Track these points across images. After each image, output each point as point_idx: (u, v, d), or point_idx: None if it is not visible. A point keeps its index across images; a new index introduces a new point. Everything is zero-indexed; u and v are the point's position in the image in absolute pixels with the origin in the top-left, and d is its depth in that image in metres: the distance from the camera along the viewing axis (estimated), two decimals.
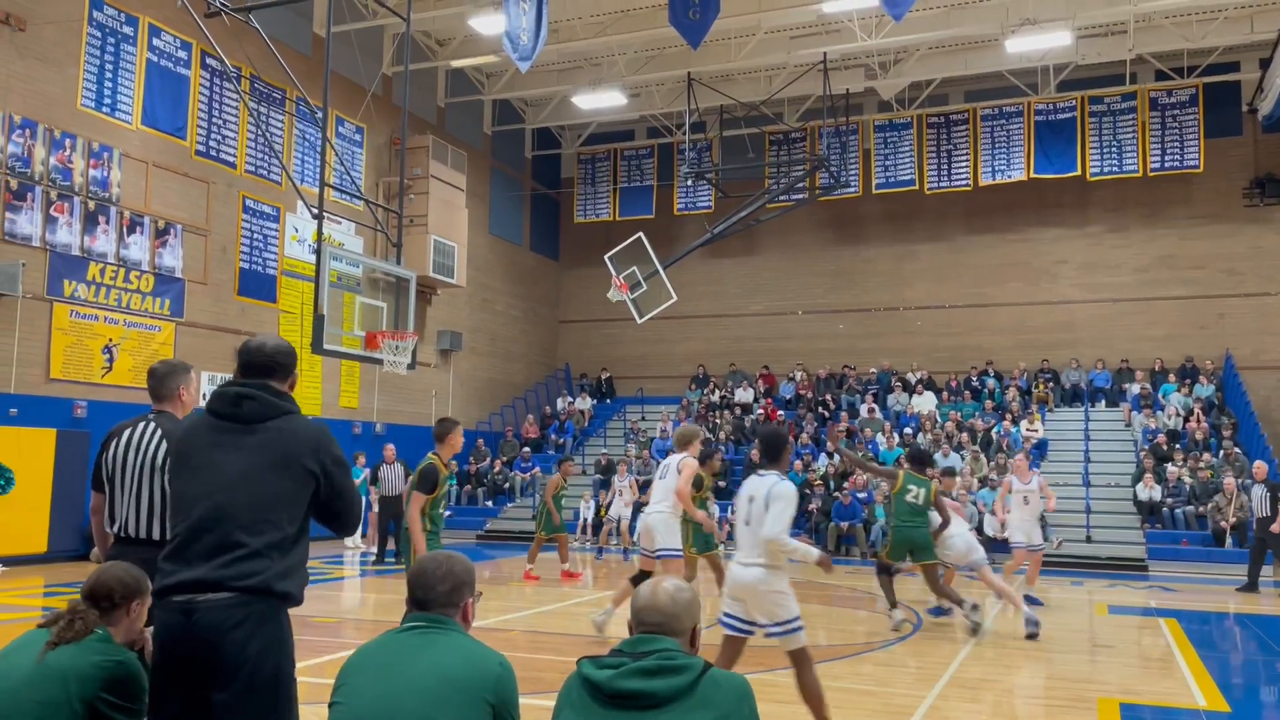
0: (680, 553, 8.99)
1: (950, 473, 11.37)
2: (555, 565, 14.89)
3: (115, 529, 4.42)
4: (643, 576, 9.16)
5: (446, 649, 2.69)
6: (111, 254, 15.80)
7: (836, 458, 21.47)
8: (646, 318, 20.98)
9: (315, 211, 14.71)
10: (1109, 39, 21.64)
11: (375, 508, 16.89)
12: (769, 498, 5.54)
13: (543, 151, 27.96)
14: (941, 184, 24.16)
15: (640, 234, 20.57)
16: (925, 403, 23.31)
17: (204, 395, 17.01)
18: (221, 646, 3.08)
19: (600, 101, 23.56)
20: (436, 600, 2.78)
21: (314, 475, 3.34)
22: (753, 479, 5.76)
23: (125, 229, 16.05)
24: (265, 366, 3.50)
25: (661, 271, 20.54)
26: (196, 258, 17.32)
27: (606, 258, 20.59)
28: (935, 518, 10.20)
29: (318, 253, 14.43)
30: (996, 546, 17.58)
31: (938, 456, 20.51)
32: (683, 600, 2.60)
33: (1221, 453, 19.53)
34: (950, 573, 11.01)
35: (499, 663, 2.68)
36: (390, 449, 16.92)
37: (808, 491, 20.31)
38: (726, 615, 5.68)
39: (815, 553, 5.88)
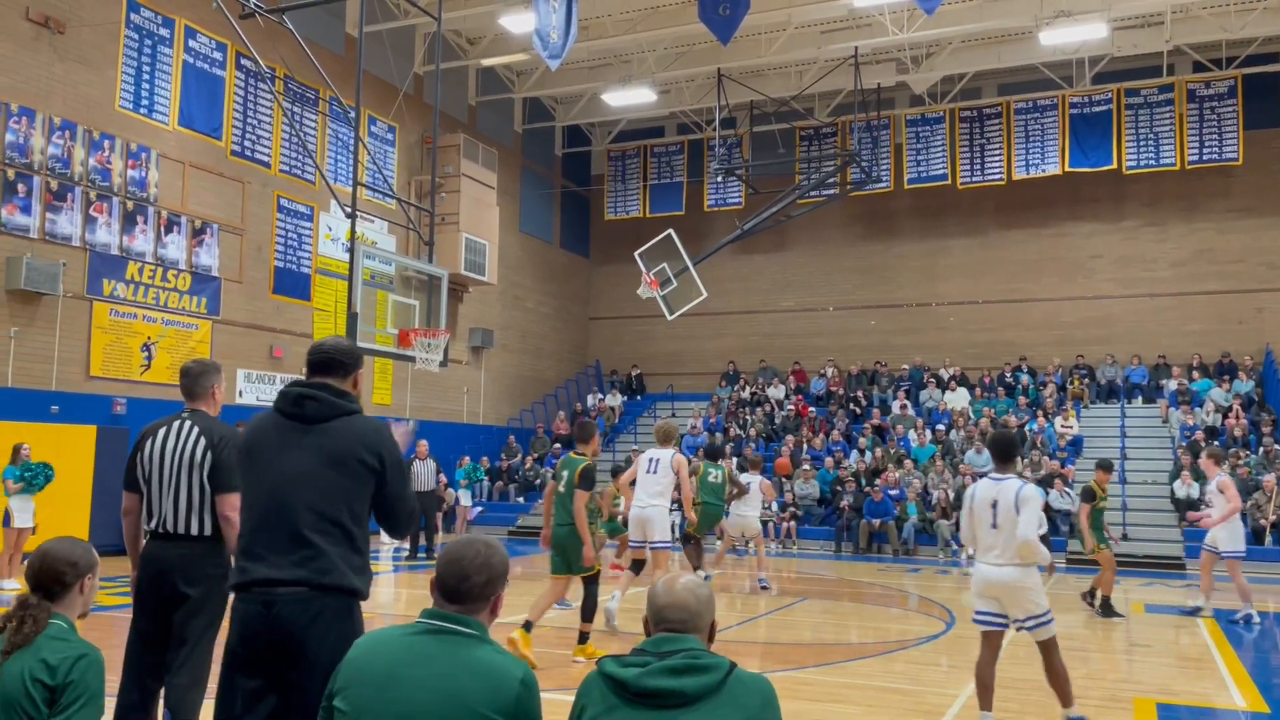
0: (670, 544, 9.69)
1: (1108, 467, 11.83)
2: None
3: (153, 525, 4.50)
4: (639, 566, 9.81)
5: (463, 662, 2.48)
6: (149, 253, 16.02)
7: (868, 454, 21.36)
8: (677, 314, 20.96)
9: (349, 210, 14.83)
10: (1145, 30, 21.32)
11: None
12: (1019, 501, 5.78)
13: (573, 149, 28.00)
14: (974, 179, 23.94)
15: (670, 231, 20.55)
16: (958, 399, 23.12)
17: (239, 393, 17.22)
18: (303, 638, 3.24)
19: (630, 98, 23.55)
20: (469, 593, 2.58)
21: (372, 471, 3.45)
22: (987, 484, 6.01)
23: (163, 229, 16.26)
24: (324, 364, 3.62)
25: (692, 268, 20.51)
26: (232, 256, 17.52)
27: (637, 254, 20.59)
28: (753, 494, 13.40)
29: (351, 251, 14.55)
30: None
31: (970, 453, 20.38)
32: (703, 596, 2.59)
33: (1261, 449, 19.21)
34: (729, 541, 14.41)
35: (521, 680, 2.46)
36: (423, 445, 17.03)
37: (839, 488, 20.22)
38: (981, 613, 6.03)
39: (1049, 556, 6.26)
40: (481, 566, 2.61)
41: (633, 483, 10.08)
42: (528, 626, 8.07)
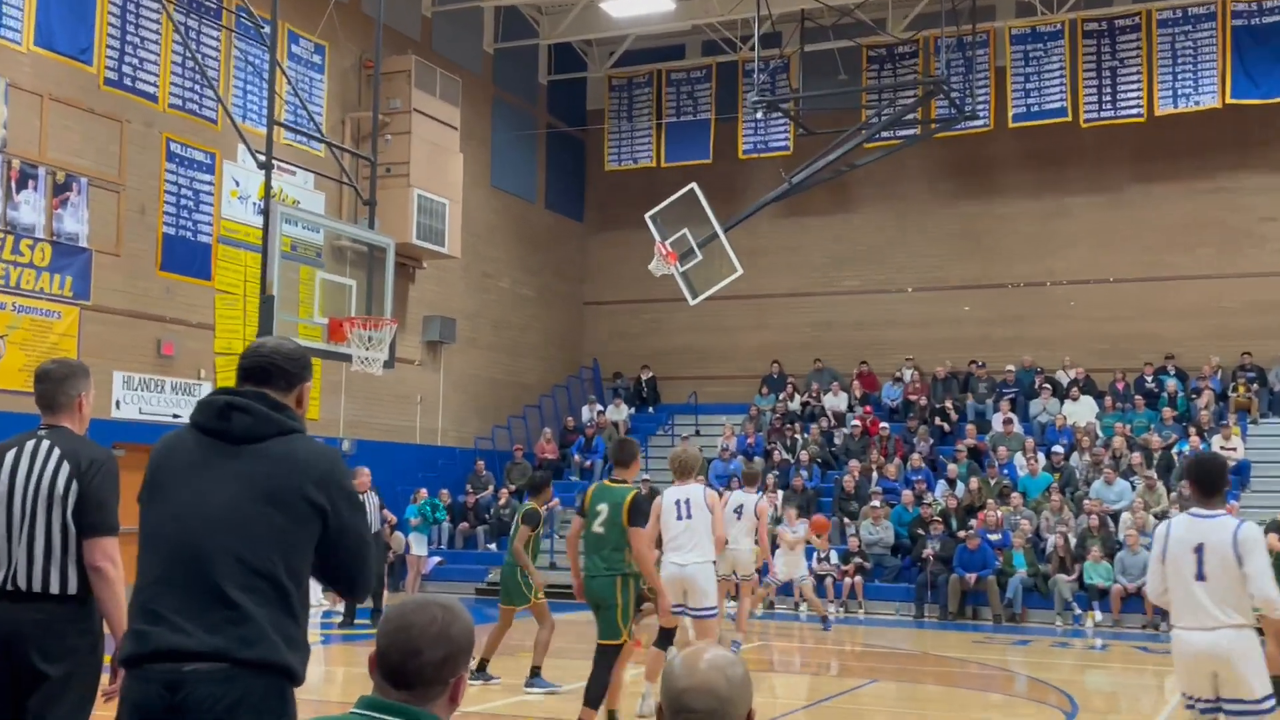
0: (715, 612, 9.81)
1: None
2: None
3: None
4: (668, 639, 9.60)
5: None
6: None
7: (959, 486, 21.31)
8: (702, 298, 20.95)
9: (262, 159, 14.89)
10: None
11: None
12: (1239, 545, 5.88)
13: (562, 75, 28.00)
14: (1104, 114, 23.85)
15: (693, 185, 20.53)
16: (1082, 411, 23.05)
17: (116, 403, 17.27)
18: None
19: (639, 7, 23.54)
20: (420, 674, 2.56)
21: (318, 511, 3.44)
22: (1187, 521, 6.12)
23: (13, 183, 16.30)
24: (261, 371, 3.61)
25: (722, 235, 20.50)
26: (107, 221, 17.56)
27: (648, 217, 20.58)
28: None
29: (265, 213, 14.60)
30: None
31: (1098, 484, 20.29)
32: (737, 677, 2.56)
33: None
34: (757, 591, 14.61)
35: None
36: (364, 474, 16.99)
37: (921, 532, 20.19)
38: (1196, 700, 5.95)
39: None
40: (437, 638, 2.58)
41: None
42: (612, 718, 8.30)
